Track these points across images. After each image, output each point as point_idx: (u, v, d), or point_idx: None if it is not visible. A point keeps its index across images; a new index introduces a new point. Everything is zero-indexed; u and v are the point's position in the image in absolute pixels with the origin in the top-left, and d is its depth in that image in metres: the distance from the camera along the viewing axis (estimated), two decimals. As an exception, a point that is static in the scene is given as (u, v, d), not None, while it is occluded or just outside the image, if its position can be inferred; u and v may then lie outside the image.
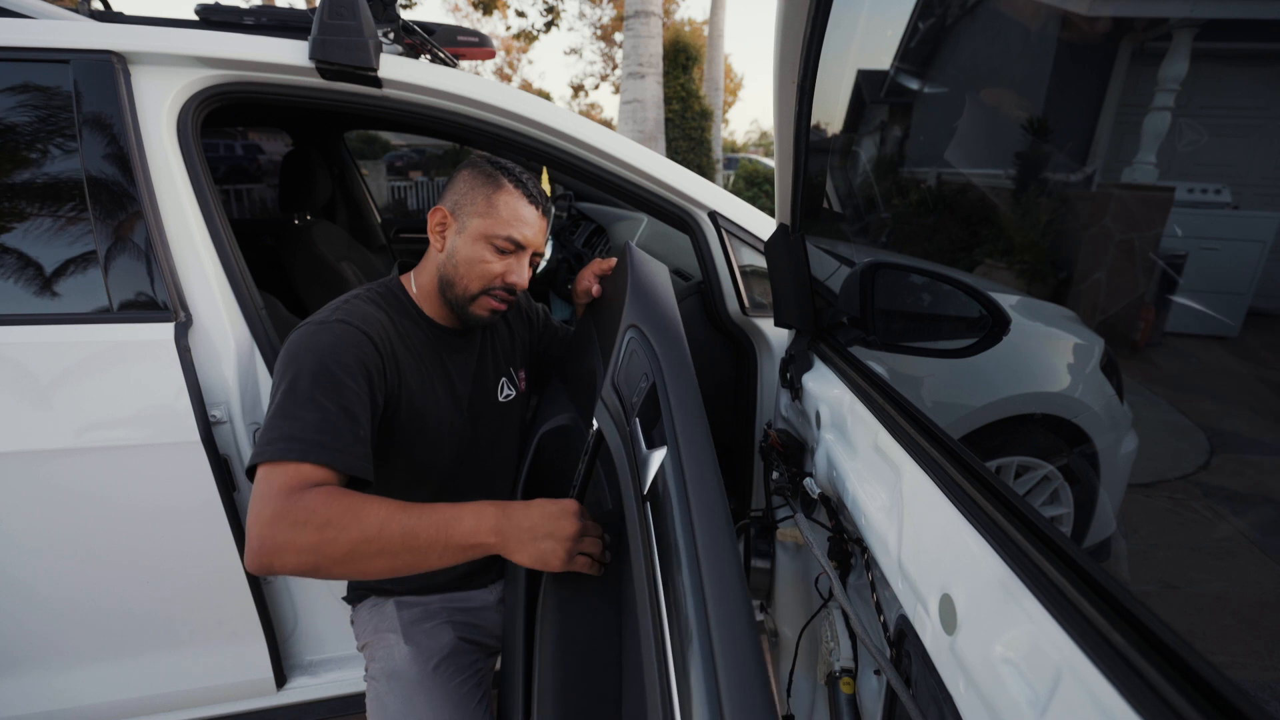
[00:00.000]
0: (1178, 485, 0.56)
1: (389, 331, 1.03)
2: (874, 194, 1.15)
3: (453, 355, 1.14)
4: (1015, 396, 0.97)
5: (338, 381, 0.89)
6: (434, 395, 1.09)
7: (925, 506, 0.68)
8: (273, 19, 1.39)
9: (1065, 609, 0.47)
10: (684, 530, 0.60)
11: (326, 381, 0.88)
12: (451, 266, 1.07)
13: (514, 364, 1.29)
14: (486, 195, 1.06)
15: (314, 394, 0.87)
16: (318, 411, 0.86)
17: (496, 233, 1.05)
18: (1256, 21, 0.51)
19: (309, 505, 0.77)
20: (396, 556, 0.79)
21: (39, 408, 1.08)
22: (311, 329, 0.95)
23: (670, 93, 9.25)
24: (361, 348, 0.95)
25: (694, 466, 0.64)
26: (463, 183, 1.07)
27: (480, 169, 1.08)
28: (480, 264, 1.06)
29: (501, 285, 1.08)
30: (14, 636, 1.19)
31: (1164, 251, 0.56)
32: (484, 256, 1.06)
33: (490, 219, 1.05)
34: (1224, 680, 0.36)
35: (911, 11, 0.92)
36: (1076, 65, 0.65)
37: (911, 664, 0.67)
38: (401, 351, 1.04)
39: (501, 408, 1.22)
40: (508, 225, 1.06)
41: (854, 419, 0.97)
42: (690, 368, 0.81)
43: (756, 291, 1.45)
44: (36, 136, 1.12)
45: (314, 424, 0.84)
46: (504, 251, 1.07)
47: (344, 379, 0.90)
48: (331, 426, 0.86)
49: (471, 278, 1.07)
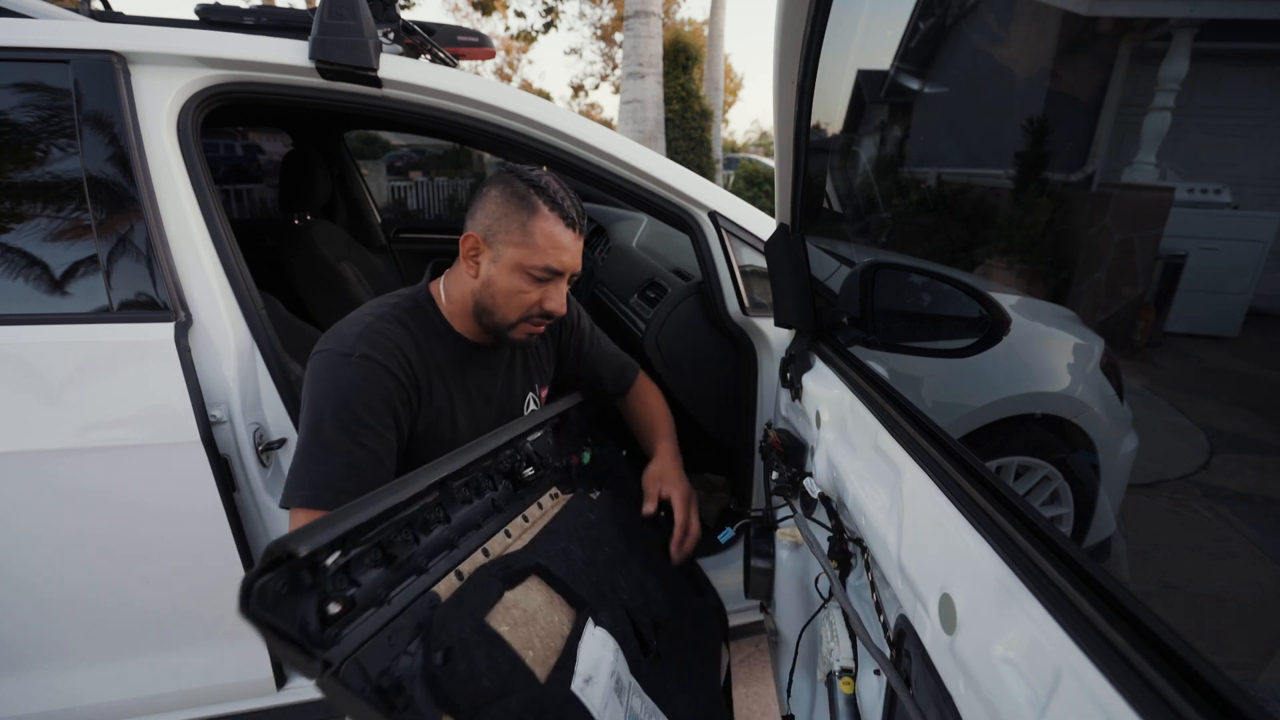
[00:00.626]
0: (1178, 485, 0.56)
1: (413, 355, 1.02)
2: (874, 194, 1.15)
3: (478, 370, 1.13)
4: (1015, 396, 0.97)
5: (362, 423, 0.93)
6: (457, 411, 1.09)
7: (925, 506, 0.68)
8: (273, 19, 1.39)
9: (1065, 609, 0.47)
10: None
11: (351, 423, 0.92)
12: (488, 296, 1.03)
13: (542, 380, 1.28)
14: (522, 223, 0.99)
15: (340, 437, 0.91)
16: (344, 456, 0.90)
17: (534, 263, 1.00)
18: (1256, 21, 0.51)
19: None
20: None
21: (39, 407, 1.08)
22: (336, 361, 0.96)
23: (670, 93, 9.24)
24: (384, 384, 0.96)
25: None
26: (494, 205, 1.01)
27: (513, 189, 1.00)
28: (518, 295, 1.02)
29: (540, 312, 1.05)
30: (14, 636, 1.19)
31: (1164, 251, 0.56)
32: (521, 287, 1.02)
33: (527, 249, 1.00)
34: (1224, 680, 0.36)
35: (911, 11, 0.92)
36: (1076, 65, 0.65)
37: (911, 664, 0.67)
38: (425, 374, 1.03)
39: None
40: (544, 255, 1.00)
41: (854, 419, 0.97)
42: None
43: (756, 291, 1.45)
44: (37, 136, 1.12)
45: (341, 470, 0.89)
46: (541, 281, 1.02)
47: (368, 420, 0.93)
48: (357, 473, 0.90)
49: (510, 308, 1.03)
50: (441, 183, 5.18)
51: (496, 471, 0.99)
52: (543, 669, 0.75)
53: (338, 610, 0.62)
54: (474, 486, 0.92)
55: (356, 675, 0.60)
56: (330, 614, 0.61)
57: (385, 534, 0.72)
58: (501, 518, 0.93)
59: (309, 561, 0.61)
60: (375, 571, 0.69)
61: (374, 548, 0.71)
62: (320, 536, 0.62)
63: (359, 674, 0.60)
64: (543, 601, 0.85)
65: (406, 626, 0.67)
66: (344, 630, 0.62)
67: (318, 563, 0.62)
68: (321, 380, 0.95)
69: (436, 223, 3.92)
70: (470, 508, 0.89)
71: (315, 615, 0.60)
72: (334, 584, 0.64)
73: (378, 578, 0.69)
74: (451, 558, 0.80)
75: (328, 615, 0.61)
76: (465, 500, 0.89)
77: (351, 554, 0.67)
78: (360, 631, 0.63)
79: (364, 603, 0.66)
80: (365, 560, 0.69)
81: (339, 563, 0.65)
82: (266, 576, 0.57)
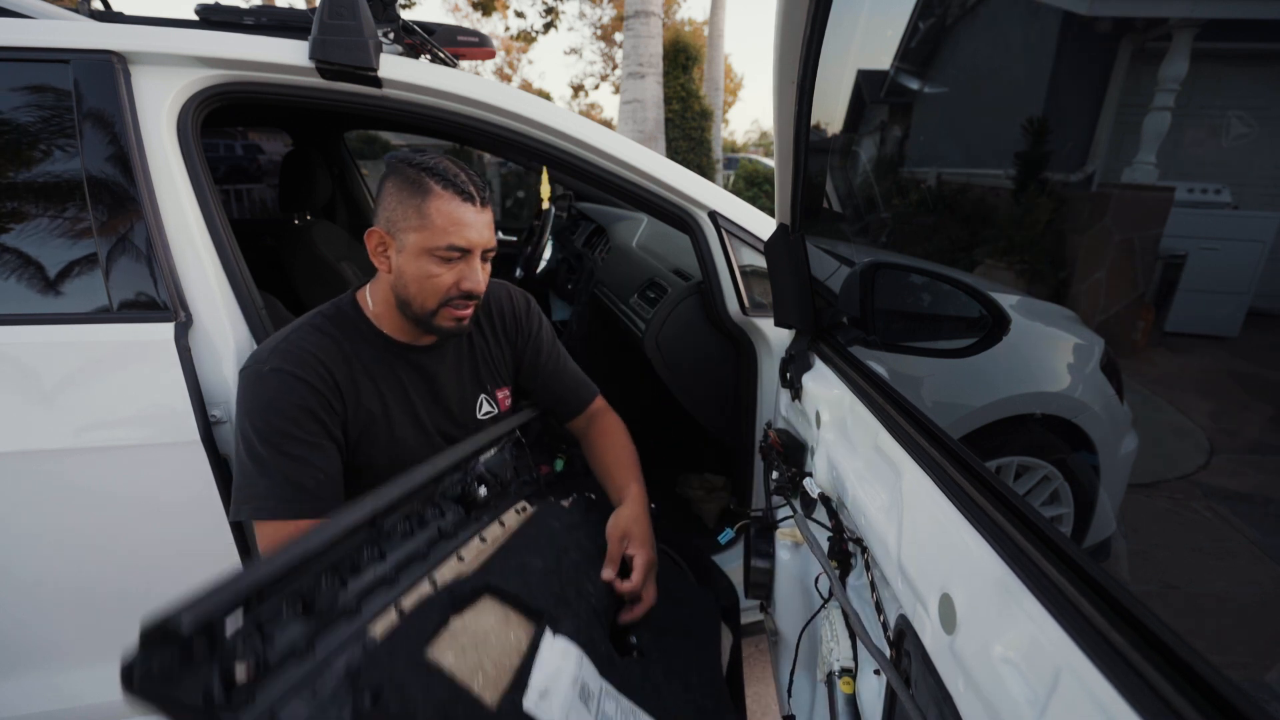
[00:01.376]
0: (1178, 485, 0.57)
1: (334, 360, 1.02)
2: (874, 194, 1.15)
3: (412, 370, 1.11)
4: (1015, 396, 0.97)
5: (287, 435, 0.96)
6: (392, 411, 1.08)
7: (925, 506, 0.68)
8: (273, 19, 1.39)
9: (1065, 609, 0.47)
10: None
11: (275, 437, 0.95)
12: (403, 287, 1.02)
13: (496, 381, 1.23)
14: (417, 206, 0.97)
15: (269, 453, 0.95)
16: (276, 472, 0.95)
17: (437, 244, 0.98)
18: (1256, 21, 0.51)
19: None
20: None
21: (39, 407, 1.08)
22: (252, 378, 0.99)
23: (670, 93, 9.24)
24: (298, 393, 0.97)
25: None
26: (390, 196, 0.99)
27: (402, 175, 0.99)
28: (430, 280, 1.00)
29: (459, 294, 1.02)
30: (14, 636, 1.19)
31: (1164, 251, 0.56)
32: (431, 271, 0.99)
33: (427, 231, 0.97)
34: (1223, 680, 0.36)
35: (911, 11, 0.92)
36: (1076, 65, 0.65)
37: (911, 664, 0.67)
38: (348, 378, 1.03)
39: (482, 425, 1.19)
40: (446, 234, 0.98)
41: (854, 419, 0.97)
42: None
43: (756, 291, 1.45)
44: (37, 137, 1.12)
45: (277, 482, 0.94)
46: (450, 260, 1.00)
47: (292, 430, 0.96)
48: (291, 483, 0.95)
49: (426, 295, 1.01)
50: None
51: (443, 498, 0.96)
52: (493, 692, 0.73)
53: (244, 674, 0.59)
54: (414, 519, 0.89)
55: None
56: (235, 682, 0.58)
57: (302, 585, 0.69)
58: (453, 544, 0.89)
59: (203, 632, 0.58)
60: (294, 624, 0.66)
61: (290, 599, 0.67)
62: (204, 607, 0.59)
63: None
64: (496, 622, 0.82)
65: (336, 673, 0.64)
66: (257, 691, 0.59)
67: (214, 631, 0.60)
68: (243, 399, 0.98)
69: (436, 223, 3.92)
70: (413, 540, 0.85)
71: (218, 682, 0.57)
72: (244, 646, 0.61)
73: (297, 630, 0.65)
74: (390, 594, 0.75)
75: (233, 685, 0.58)
76: (406, 534, 0.85)
77: (259, 613, 0.64)
78: (278, 687, 0.60)
79: (281, 658, 0.63)
80: (281, 614, 0.66)
81: (245, 627, 0.62)
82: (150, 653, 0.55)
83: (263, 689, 0.59)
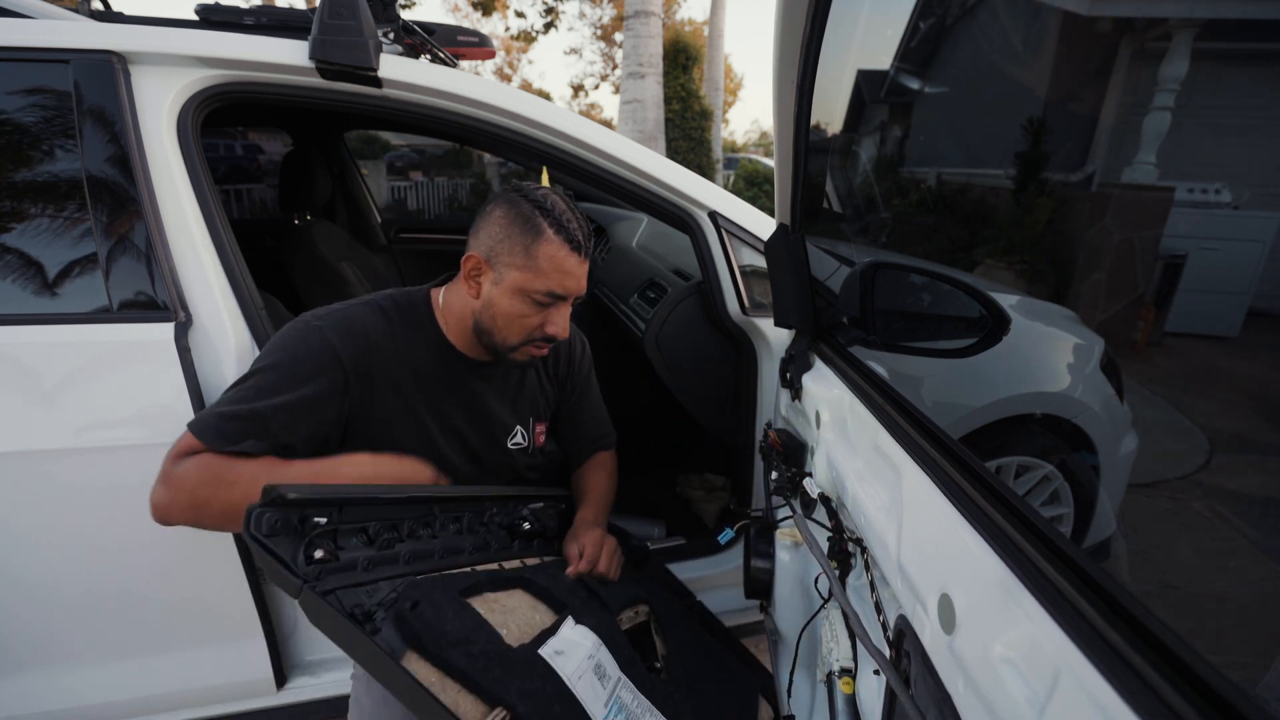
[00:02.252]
0: (1178, 485, 0.56)
1: (381, 343, 1.01)
2: (874, 194, 1.15)
3: (464, 385, 1.11)
4: (1015, 396, 0.97)
5: (289, 379, 0.95)
6: (417, 414, 1.07)
7: (925, 506, 0.68)
8: (273, 19, 1.39)
9: (1064, 609, 0.46)
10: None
11: (273, 375, 0.95)
12: (489, 318, 1.02)
13: (537, 415, 1.24)
14: (525, 246, 0.97)
15: (254, 381, 0.94)
16: (252, 395, 0.93)
17: (537, 287, 0.98)
18: (1256, 21, 0.51)
19: (188, 470, 0.89)
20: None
21: (39, 407, 1.08)
22: (297, 324, 0.99)
23: (670, 93, 9.24)
24: (324, 361, 0.97)
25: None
26: (498, 226, 0.98)
27: (518, 209, 0.98)
28: (519, 319, 1.01)
29: (541, 336, 1.04)
30: (14, 636, 1.19)
31: (1164, 251, 0.56)
32: (522, 310, 1.00)
33: (530, 273, 0.98)
34: (1223, 680, 0.36)
35: (911, 11, 0.92)
36: (1076, 65, 0.65)
37: (911, 664, 0.67)
38: (383, 366, 1.02)
39: (508, 453, 1.19)
40: (548, 279, 0.98)
41: (854, 419, 0.97)
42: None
43: (756, 291, 1.45)
44: (37, 137, 1.12)
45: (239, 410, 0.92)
46: (544, 305, 1.01)
47: (293, 380, 0.95)
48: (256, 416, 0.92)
49: (510, 331, 1.02)
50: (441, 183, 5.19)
51: (494, 522, 1.02)
52: (513, 641, 0.82)
53: (321, 555, 0.74)
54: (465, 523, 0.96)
55: (332, 601, 0.71)
56: (315, 557, 0.73)
57: (369, 522, 0.82)
58: (495, 555, 0.96)
59: (299, 511, 0.74)
60: (359, 548, 0.80)
61: (359, 530, 0.81)
62: (306, 490, 0.75)
63: (336, 603, 0.71)
64: (524, 603, 0.89)
65: (383, 589, 0.77)
66: (325, 574, 0.73)
67: (306, 516, 0.75)
68: (280, 336, 1.00)
69: (436, 223, 3.93)
70: (460, 538, 0.93)
71: (302, 554, 0.73)
72: (321, 539, 0.75)
73: (360, 552, 0.79)
74: (434, 565, 0.86)
75: (312, 558, 0.73)
76: (457, 531, 0.93)
77: (338, 525, 0.78)
78: (339, 579, 0.74)
79: (345, 564, 0.77)
80: (351, 539, 0.80)
81: (326, 527, 0.76)
82: (265, 510, 0.71)
83: (329, 575, 0.74)
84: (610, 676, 0.86)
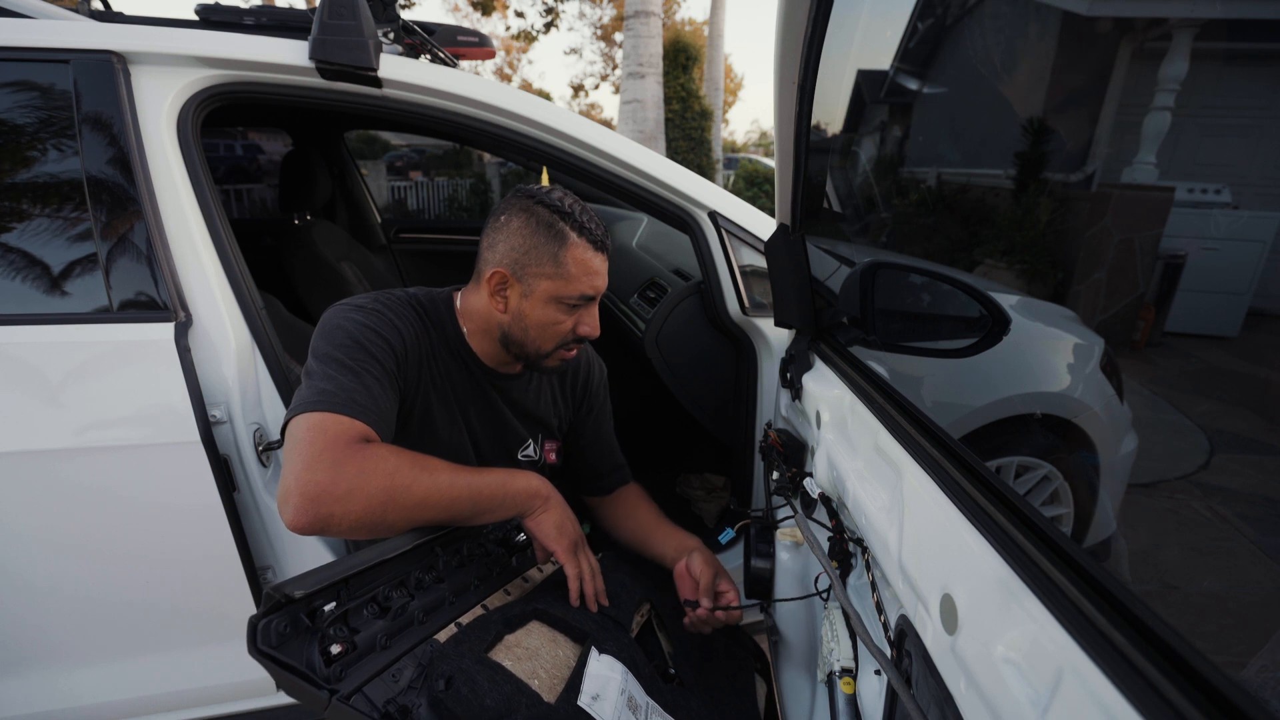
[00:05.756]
0: (1178, 485, 0.57)
1: (419, 340, 1.01)
2: (874, 194, 1.16)
3: (485, 396, 1.10)
4: (1015, 396, 0.97)
5: (369, 354, 0.91)
6: (448, 418, 1.07)
7: (926, 506, 0.68)
8: (273, 19, 1.39)
9: (1066, 608, 0.47)
10: None
11: (359, 353, 0.90)
12: (520, 330, 1.01)
13: (550, 433, 1.23)
14: (553, 254, 0.96)
15: (346, 362, 0.89)
16: (353, 377, 0.87)
17: (569, 293, 0.98)
18: (1256, 21, 0.51)
19: (378, 453, 0.80)
20: (455, 508, 0.85)
21: (39, 407, 1.08)
22: (348, 309, 0.96)
23: (670, 93, 9.24)
24: (391, 336, 0.95)
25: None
26: (520, 237, 0.97)
27: (538, 218, 0.97)
28: (552, 326, 1.00)
29: (574, 338, 1.03)
30: (14, 636, 1.19)
31: (1164, 251, 0.56)
32: (556, 318, 0.99)
33: (561, 280, 0.97)
34: (1225, 679, 0.36)
35: (911, 11, 0.92)
36: (1076, 65, 0.65)
37: (912, 664, 0.67)
38: (421, 361, 1.02)
39: (517, 463, 1.18)
40: (579, 283, 0.97)
41: (854, 419, 0.97)
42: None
43: (756, 291, 1.45)
44: (37, 136, 1.12)
45: (350, 386, 0.86)
46: (576, 308, 1.01)
47: (376, 353, 0.92)
48: (366, 389, 0.87)
49: (544, 340, 1.01)
50: (441, 183, 5.19)
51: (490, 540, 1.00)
52: (549, 694, 0.78)
53: (339, 650, 0.67)
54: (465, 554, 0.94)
55: (363, 703, 0.64)
56: (332, 654, 0.66)
57: (379, 589, 0.76)
58: (499, 580, 0.95)
59: (307, 606, 0.67)
60: (373, 622, 0.73)
61: (369, 601, 0.75)
62: (312, 581, 0.68)
63: (365, 703, 0.64)
64: (545, 640, 0.87)
65: (408, 667, 0.71)
66: (346, 670, 0.66)
67: (315, 609, 0.68)
68: (331, 320, 0.94)
69: (436, 222, 3.92)
70: (464, 571, 0.90)
71: (319, 654, 0.65)
72: (333, 629, 0.68)
73: (376, 627, 0.73)
74: (449, 613, 0.82)
75: (330, 655, 0.66)
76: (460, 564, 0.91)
77: (348, 605, 0.72)
78: (363, 670, 0.67)
79: (364, 647, 0.70)
80: (362, 613, 0.73)
81: (336, 612, 0.70)
82: (270, 618, 0.64)
83: (350, 668, 0.67)
84: (640, 706, 0.85)
